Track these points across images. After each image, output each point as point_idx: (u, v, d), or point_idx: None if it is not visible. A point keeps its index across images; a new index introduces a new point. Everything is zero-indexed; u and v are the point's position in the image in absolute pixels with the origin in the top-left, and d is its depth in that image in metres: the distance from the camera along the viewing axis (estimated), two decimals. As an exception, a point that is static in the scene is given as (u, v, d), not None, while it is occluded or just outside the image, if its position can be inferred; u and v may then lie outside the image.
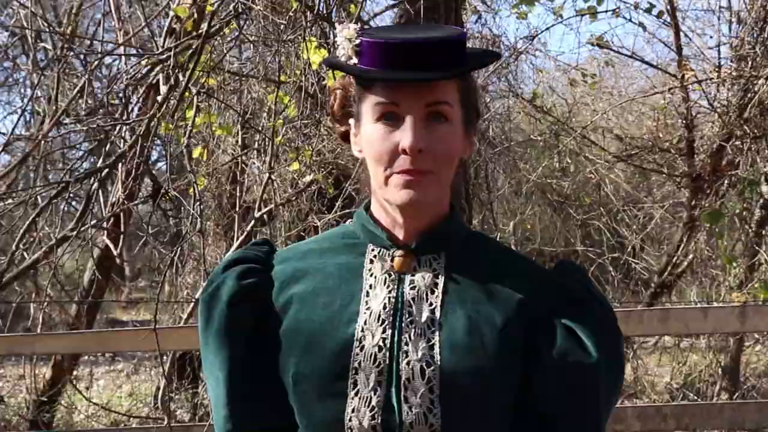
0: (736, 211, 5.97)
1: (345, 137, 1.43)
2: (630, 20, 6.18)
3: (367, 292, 1.37)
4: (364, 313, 1.35)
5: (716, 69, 5.98)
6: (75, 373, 6.73)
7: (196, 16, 3.98)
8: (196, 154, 4.76)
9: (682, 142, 6.37)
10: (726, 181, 6.11)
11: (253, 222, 4.92)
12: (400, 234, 1.39)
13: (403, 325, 1.34)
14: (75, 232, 4.49)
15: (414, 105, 1.32)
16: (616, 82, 8.53)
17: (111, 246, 5.28)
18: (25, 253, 4.97)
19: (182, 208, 6.07)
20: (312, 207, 6.27)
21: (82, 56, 6.08)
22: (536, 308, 1.36)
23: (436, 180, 1.34)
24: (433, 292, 1.36)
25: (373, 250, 1.40)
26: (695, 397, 6.47)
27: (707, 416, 3.82)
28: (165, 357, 4.44)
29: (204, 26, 3.88)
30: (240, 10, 3.75)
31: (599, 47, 6.55)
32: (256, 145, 5.99)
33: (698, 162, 6.09)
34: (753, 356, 7.52)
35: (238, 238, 4.89)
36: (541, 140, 7.53)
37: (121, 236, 5.24)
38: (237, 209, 5.80)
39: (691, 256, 6.52)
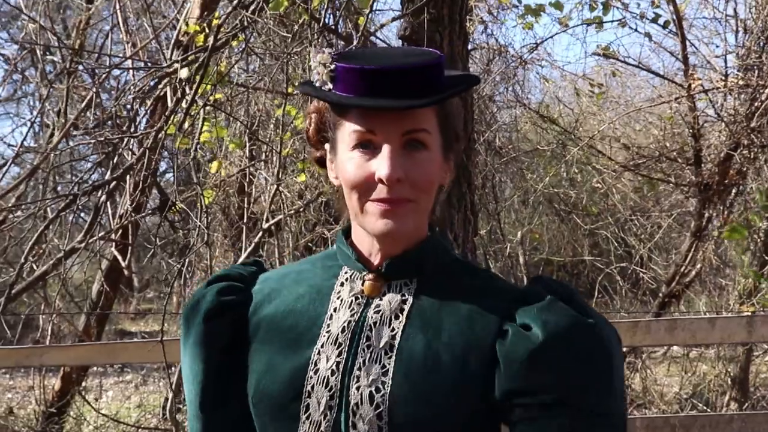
0: (763, 226, 5.93)
1: (321, 162, 1.42)
2: (636, 30, 6.19)
3: (331, 315, 1.35)
4: (323, 335, 1.34)
5: (723, 78, 5.99)
6: (84, 384, 6.75)
7: (207, 30, 4.00)
8: (214, 168, 4.79)
9: (689, 151, 6.36)
10: (734, 191, 6.10)
11: (260, 233, 4.94)
12: (375, 259, 1.36)
13: (359, 349, 1.31)
14: (83, 244, 4.51)
15: (391, 133, 1.28)
16: (622, 92, 8.52)
17: (119, 257, 5.30)
18: (34, 265, 4.99)
19: (190, 219, 6.09)
20: (319, 218, 6.29)
21: (90, 69, 6.11)
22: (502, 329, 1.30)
23: (414, 208, 1.30)
24: (397, 317, 1.33)
25: (345, 272, 1.39)
26: (704, 408, 6.45)
27: (716, 427, 3.81)
28: (173, 368, 4.45)
29: (210, 39, 3.90)
30: (246, 24, 3.77)
31: (606, 57, 6.55)
32: (263, 157, 6.01)
33: (706, 171, 6.09)
34: (762, 366, 7.49)
35: (245, 249, 4.90)
36: (548, 150, 7.54)
37: (129, 248, 5.26)
38: (245, 220, 5.82)
39: (699, 266, 6.51)
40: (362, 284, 1.36)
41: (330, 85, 1.31)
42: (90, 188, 4.11)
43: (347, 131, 1.31)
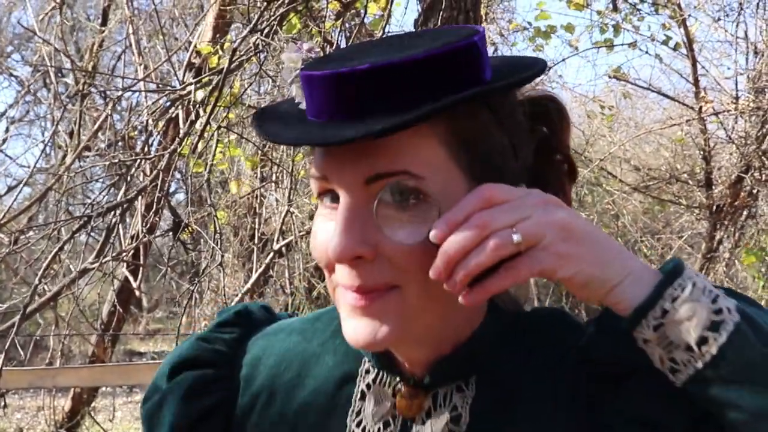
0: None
1: None
2: (647, 52, 6.21)
3: None
4: None
5: (734, 100, 6.00)
6: (93, 404, 6.75)
7: (220, 52, 4.04)
8: (233, 189, 4.82)
9: (700, 173, 6.37)
10: (745, 213, 6.09)
11: (271, 254, 4.95)
12: (399, 356, 0.92)
13: None
14: (96, 265, 4.53)
15: (346, 182, 0.81)
16: (633, 113, 8.54)
17: (130, 278, 5.32)
18: (45, 286, 5.01)
19: (201, 239, 6.11)
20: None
21: (102, 91, 6.16)
22: (592, 420, 0.88)
23: (400, 299, 0.82)
24: None
25: (368, 370, 0.94)
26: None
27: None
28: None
29: (224, 61, 3.93)
30: (261, 48, 3.80)
31: (617, 79, 6.57)
32: (274, 178, 6.03)
33: (717, 193, 6.09)
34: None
35: (256, 270, 4.93)
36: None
37: (141, 268, 5.28)
38: (255, 241, 5.84)
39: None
40: (393, 396, 0.91)
41: (303, 102, 0.85)
42: (104, 210, 4.13)
43: (310, 174, 0.87)
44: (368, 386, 0.93)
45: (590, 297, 0.79)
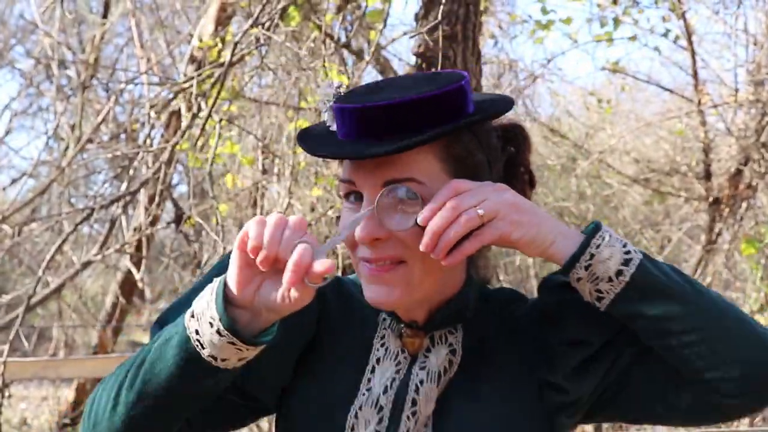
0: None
1: None
2: (646, 45, 6.23)
3: (373, 367, 1.21)
4: (363, 394, 1.19)
5: (733, 93, 6.01)
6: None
7: (221, 45, 4.06)
8: (229, 184, 4.85)
9: (699, 165, 6.39)
10: (744, 205, 6.12)
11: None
12: (397, 311, 1.22)
13: (403, 416, 1.18)
14: (99, 257, 4.57)
15: (369, 184, 1.13)
16: (633, 106, 8.56)
17: (133, 270, 5.36)
18: (48, 277, 5.05)
19: (203, 231, 6.15)
20: (331, 231, 6.33)
21: (105, 83, 6.18)
22: (539, 358, 1.22)
23: (407, 271, 1.14)
24: (445, 372, 1.20)
25: (385, 319, 1.24)
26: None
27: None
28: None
29: (225, 54, 3.96)
30: (263, 41, 3.83)
31: (615, 72, 6.59)
32: (275, 170, 6.06)
33: (716, 185, 6.11)
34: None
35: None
36: (558, 164, 7.57)
37: (143, 260, 5.32)
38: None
39: (709, 279, 6.52)
40: (400, 338, 1.21)
41: (333, 125, 1.17)
42: (107, 202, 4.16)
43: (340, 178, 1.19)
44: (386, 328, 1.23)
45: (535, 253, 1.12)
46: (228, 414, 1.25)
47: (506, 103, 1.19)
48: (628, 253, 1.11)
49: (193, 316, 1.07)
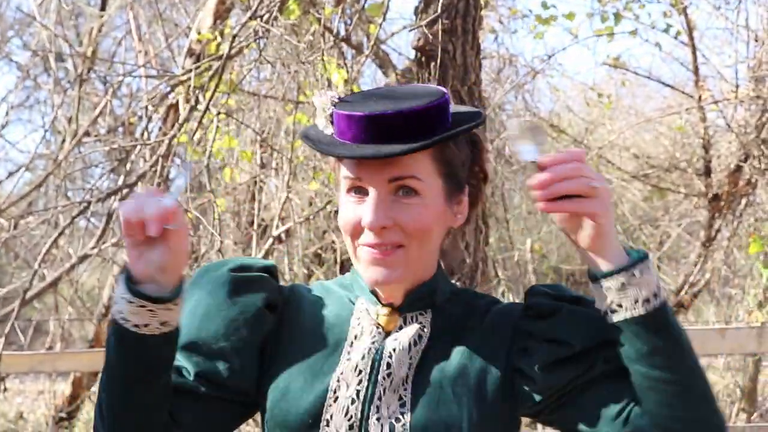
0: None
1: None
2: (647, 40, 6.21)
3: (351, 342, 1.36)
4: (344, 362, 1.34)
5: (734, 89, 5.99)
6: (93, 389, 6.78)
7: (220, 38, 4.03)
8: (227, 177, 4.83)
9: (699, 161, 6.37)
10: (744, 201, 6.10)
11: (270, 240, 4.96)
12: (383, 293, 1.37)
13: (380, 377, 1.33)
14: (96, 251, 4.54)
15: (377, 180, 1.30)
16: (633, 102, 8.54)
17: (130, 264, 5.32)
18: (44, 271, 5.02)
19: (201, 225, 6.12)
20: (329, 225, 6.31)
21: (102, 76, 6.15)
22: (517, 345, 1.33)
23: (405, 255, 1.31)
24: (416, 344, 1.34)
25: (362, 302, 1.39)
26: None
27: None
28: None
29: (224, 47, 3.93)
30: (261, 34, 3.80)
31: (616, 68, 6.57)
32: (274, 164, 6.04)
33: (715, 181, 6.10)
34: (771, 376, 7.46)
35: (255, 256, 4.93)
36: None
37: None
38: (255, 227, 5.84)
39: (708, 275, 6.51)
40: (377, 318, 1.36)
41: (331, 129, 1.33)
42: (104, 196, 4.14)
43: (342, 175, 1.34)
44: (362, 311, 1.38)
45: (596, 246, 1.24)
46: (220, 414, 1.38)
47: (481, 116, 1.38)
48: (659, 287, 1.24)
49: (116, 303, 1.25)
